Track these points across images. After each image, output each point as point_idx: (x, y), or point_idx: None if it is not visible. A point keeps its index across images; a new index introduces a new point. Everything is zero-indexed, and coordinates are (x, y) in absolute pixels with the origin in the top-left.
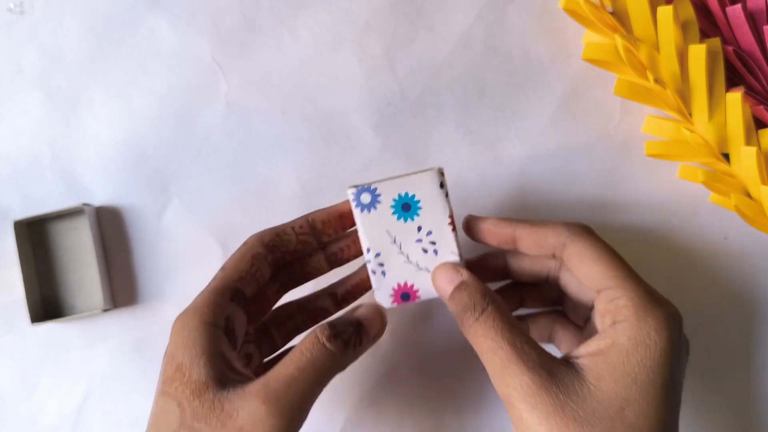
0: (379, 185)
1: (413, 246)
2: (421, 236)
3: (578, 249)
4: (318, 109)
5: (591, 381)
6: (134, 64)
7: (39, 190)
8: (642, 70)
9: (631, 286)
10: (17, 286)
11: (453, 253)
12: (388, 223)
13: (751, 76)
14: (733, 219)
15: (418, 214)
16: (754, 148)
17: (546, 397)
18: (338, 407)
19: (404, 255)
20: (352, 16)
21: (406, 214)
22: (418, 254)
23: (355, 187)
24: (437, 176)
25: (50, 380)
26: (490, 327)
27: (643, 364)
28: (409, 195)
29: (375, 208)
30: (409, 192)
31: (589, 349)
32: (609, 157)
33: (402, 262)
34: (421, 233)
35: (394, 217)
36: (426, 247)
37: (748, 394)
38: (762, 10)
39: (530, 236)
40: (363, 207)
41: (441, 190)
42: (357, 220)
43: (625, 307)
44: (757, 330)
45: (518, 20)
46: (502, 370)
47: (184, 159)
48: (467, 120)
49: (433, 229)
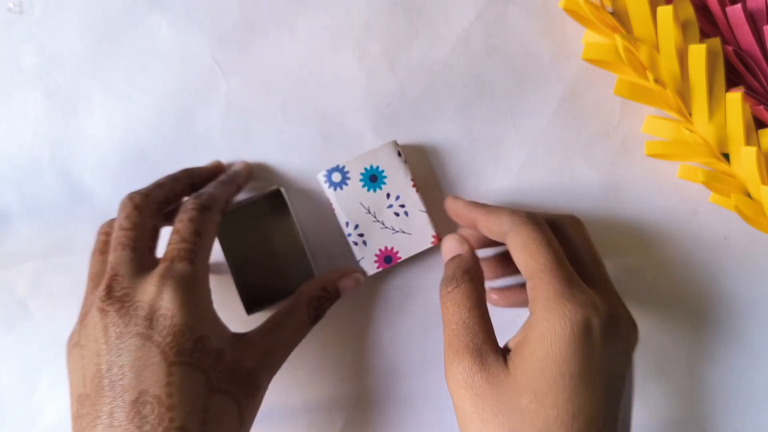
0: (346, 164)
1: (386, 212)
2: (391, 202)
3: (512, 238)
4: (318, 109)
5: (510, 372)
6: (134, 64)
7: (38, 189)
8: (642, 70)
9: (546, 277)
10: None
11: (421, 210)
12: (360, 195)
13: (751, 76)
14: (732, 219)
15: (384, 183)
16: (754, 148)
17: (480, 381)
18: (338, 407)
19: (380, 222)
20: (352, 16)
21: (374, 185)
22: (392, 219)
23: (325, 170)
24: (394, 147)
25: (50, 380)
26: (456, 302)
27: (549, 357)
28: (374, 167)
29: (346, 185)
30: (374, 164)
31: (513, 341)
32: (609, 156)
33: (379, 228)
34: (390, 199)
35: (364, 189)
36: (397, 210)
37: (750, 394)
38: (762, 10)
39: (483, 222)
40: (335, 186)
41: (400, 158)
42: (332, 199)
43: (537, 299)
44: (758, 329)
45: (518, 20)
46: (448, 346)
47: (183, 159)
48: (467, 120)
49: (400, 194)
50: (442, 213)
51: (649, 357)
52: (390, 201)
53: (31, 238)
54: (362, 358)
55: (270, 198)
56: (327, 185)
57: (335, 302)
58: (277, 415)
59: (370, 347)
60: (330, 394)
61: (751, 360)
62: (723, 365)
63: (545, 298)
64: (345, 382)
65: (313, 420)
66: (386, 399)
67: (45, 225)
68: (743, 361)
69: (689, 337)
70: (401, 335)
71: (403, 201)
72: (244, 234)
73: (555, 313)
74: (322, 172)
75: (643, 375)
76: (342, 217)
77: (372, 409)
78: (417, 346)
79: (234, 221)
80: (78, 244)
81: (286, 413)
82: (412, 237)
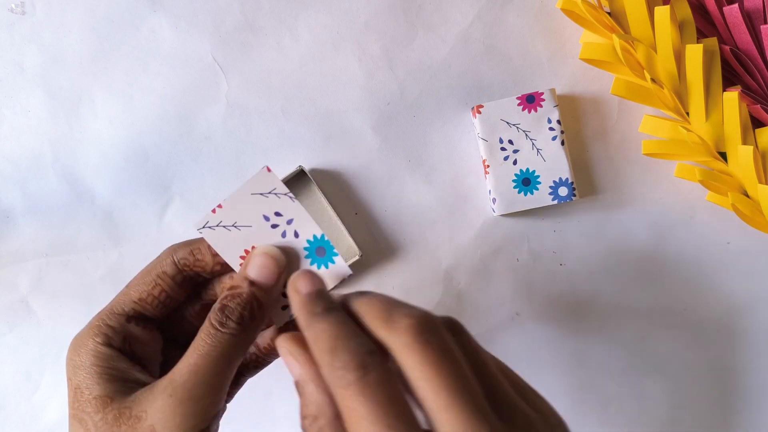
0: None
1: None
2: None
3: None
4: (318, 108)
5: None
6: (135, 64)
7: (40, 189)
8: (639, 69)
9: (453, 419)
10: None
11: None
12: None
13: (748, 76)
14: (729, 218)
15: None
16: (751, 147)
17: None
18: None
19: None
20: (352, 16)
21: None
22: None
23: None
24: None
25: (52, 378)
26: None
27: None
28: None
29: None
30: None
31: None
32: (606, 156)
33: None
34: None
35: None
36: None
37: (752, 395)
38: (759, 10)
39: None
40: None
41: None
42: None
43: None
44: (758, 329)
45: (516, 20)
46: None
47: (185, 158)
48: (467, 120)
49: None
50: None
51: (647, 357)
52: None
53: (34, 237)
54: None
55: (294, 179)
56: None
57: (265, 293)
58: (276, 418)
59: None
60: None
61: (750, 360)
62: (722, 365)
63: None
64: None
65: None
66: None
67: (47, 224)
68: (743, 360)
69: (688, 337)
70: None
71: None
72: None
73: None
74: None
75: (642, 375)
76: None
77: None
78: None
79: None
80: (80, 243)
81: (286, 411)
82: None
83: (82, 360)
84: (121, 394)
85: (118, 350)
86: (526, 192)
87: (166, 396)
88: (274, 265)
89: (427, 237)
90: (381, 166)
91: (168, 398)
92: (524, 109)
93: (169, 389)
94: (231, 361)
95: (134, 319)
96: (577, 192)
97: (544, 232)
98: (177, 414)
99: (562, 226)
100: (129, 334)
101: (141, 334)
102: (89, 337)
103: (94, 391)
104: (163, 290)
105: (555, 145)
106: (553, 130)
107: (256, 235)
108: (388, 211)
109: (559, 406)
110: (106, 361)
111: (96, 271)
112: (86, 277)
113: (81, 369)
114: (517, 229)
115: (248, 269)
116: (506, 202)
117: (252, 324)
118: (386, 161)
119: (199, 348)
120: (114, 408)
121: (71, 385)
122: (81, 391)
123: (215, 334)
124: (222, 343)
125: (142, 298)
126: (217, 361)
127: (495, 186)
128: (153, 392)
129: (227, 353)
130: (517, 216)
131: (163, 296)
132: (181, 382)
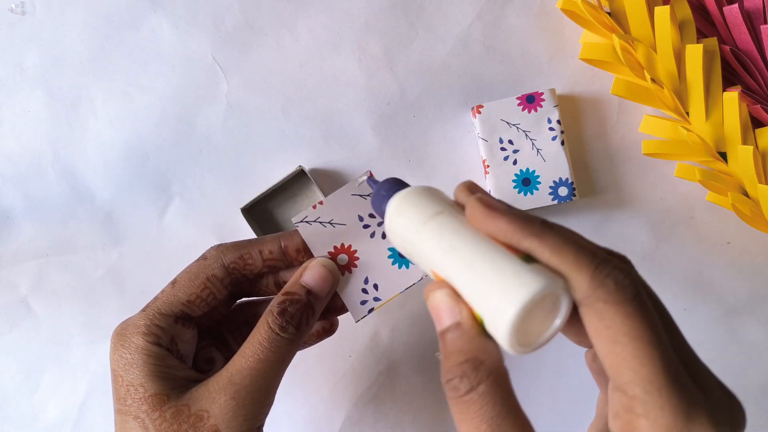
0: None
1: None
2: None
3: (595, 319)
4: (318, 108)
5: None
6: (135, 64)
7: (41, 189)
8: (639, 69)
9: (657, 401)
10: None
11: None
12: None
13: (749, 76)
14: (729, 218)
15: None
16: (751, 147)
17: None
18: (338, 404)
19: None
20: (352, 16)
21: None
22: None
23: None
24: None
25: (52, 378)
26: (475, 413)
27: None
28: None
29: None
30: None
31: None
32: (607, 156)
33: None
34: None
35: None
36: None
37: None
38: (759, 10)
39: (548, 260)
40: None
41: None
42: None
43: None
44: (757, 329)
45: (516, 20)
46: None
47: (185, 158)
48: (467, 120)
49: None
50: None
51: None
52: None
53: (34, 237)
54: (362, 356)
55: (294, 179)
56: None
57: (319, 303)
58: (278, 413)
59: (370, 345)
60: (330, 392)
61: (750, 360)
62: (722, 365)
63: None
64: (345, 380)
65: (313, 417)
66: (385, 397)
67: (47, 224)
68: (742, 360)
69: (688, 337)
70: (401, 333)
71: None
72: (277, 220)
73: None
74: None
75: None
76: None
77: (371, 406)
78: (416, 345)
79: (264, 210)
80: (80, 243)
81: (286, 411)
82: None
83: (134, 358)
84: (175, 392)
85: (167, 349)
86: (526, 192)
87: (228, 398)
88: (330, 277)
89: None
90: (381, 166)
91: (231, 400)
92: (524, 109)
93: (231, 391)
94: (286, 365)
95: (181, 320)
96: (577, 192)
97: None
98: (239, 415)
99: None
100: (176, 333)
101: (184, 332)
102: (139, 336)
103: (150, 389)
104: (211, 292)
105: (555, 145)
106: (553, 130)
107: (347, 233)
108: None
109: (559, 405)
110: (158, 360)
111: (96, 271)
112: (86, 277)
113: (134, 367)
114: None
115: (307, 278)
116: (506, 202)
117: (306, 330)
118: (386, 161)
119: (259, 352)
120: (171, 406)
121: (122, 382)
122: (135, 389)
123: (276, 339)
124: (281, 348)
125: (191, 300)
126: (275, 365)
127: (495, 186)
128: (210, 391)
129: (285, 358)
130: None
131: (210, 298)
132: (244, 385)
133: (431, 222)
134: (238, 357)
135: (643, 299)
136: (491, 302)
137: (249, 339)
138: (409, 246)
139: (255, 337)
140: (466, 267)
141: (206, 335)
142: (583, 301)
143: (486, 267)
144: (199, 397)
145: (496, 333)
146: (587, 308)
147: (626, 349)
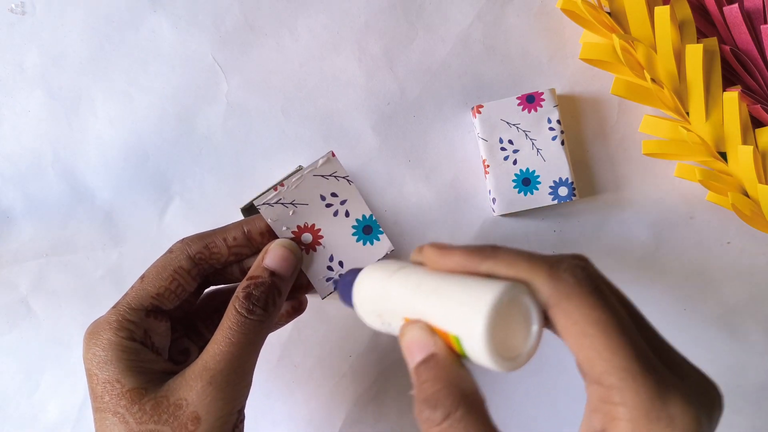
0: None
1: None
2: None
3: (564, 312)
4: (318, 108)
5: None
6: (135, 64)
7: (40, 189)
8: (639, 69)
9: (631, 386)
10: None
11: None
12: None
13: (749, 76)
14: (729, 218)
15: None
16: (751, 147)
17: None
18: (338, 404)
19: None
20: (352, 16)
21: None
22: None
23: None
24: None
25: (52, 378)
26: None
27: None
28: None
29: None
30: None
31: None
32: (607, 156)
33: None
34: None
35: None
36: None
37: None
38: (759, 10)
39: (506, 274)
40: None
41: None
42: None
43: (618, 420)
44: (756, 329)
45: (516, 20)
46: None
47: (185, 158)
48: (467, 120)
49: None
50: None
51: None
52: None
53: (34, 237)
54: (362, 356)
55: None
56: None
57: (284, 283)
58: (278, 413)
59: (370, 344)
60: (330, 391)
61: (749, 360)
62: (722, 365)
63: (632, 420)
64: (345, 380)
65: (312, 417)
66: (385, 397)
67: (47, 224)
68: (742, 360)
69: (688, 337)
70: None
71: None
72: None
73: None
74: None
75: None
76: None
77: (371, 406)
78: None
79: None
80: (80, 243)
81: (286, 411)
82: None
83: (107, 354)
84: (153, 385)
85: (141, 343)
86: (526, 192)
87: (205, 384)
88: (291, 256)
89: (427, 237)
90: (381, 166)
91: (208, 386)
92: (524, 109)
93: (206, 377)
94: (258, 346)
95: (152, 313)
96: (577, 192)
97: (544, 232)
98: (218, 399)
99: (562, 226)
100: (148, 327)
101: (157, 325)
102: (111, 332)
103: (127, 384)
104: (180, 284)
105: (555, 145)
106: (553, 130)
107: (310, 213)
108: (388, 211)
109: (559, 405)
110: (133, 354)
111: (96, 271)
112: (86, 277)
113: (108, 363)
114: (517, 229)
115: (268, 260)
116: (506, 202)
117: (274, 311)
118: (386, 161)
119: (230, 335)
120: (150, 399)
121: (98, 380)
122: (112, 385)
123: (244, 321)
124: (251, 330)
125: (160, 293)
126: (247, 347)
127: (495, 186)
128: (187, 380)
129: (256, 339)
130: (517, 216)
131: (179, 290)
132: (219, 369)
133: (395, 275)
134: (211, 344)
135: (603, 291)
136: (462, 317)
137: (219, 326)
138: (379, 305)
139: (225, 323)
140: (434, 295)
141: (179, 327)
142: (548, 303)
143: (451, 289)
144: (177, 387)
145: (473, 346)
146: (553, 308)
147: (596, 340)
